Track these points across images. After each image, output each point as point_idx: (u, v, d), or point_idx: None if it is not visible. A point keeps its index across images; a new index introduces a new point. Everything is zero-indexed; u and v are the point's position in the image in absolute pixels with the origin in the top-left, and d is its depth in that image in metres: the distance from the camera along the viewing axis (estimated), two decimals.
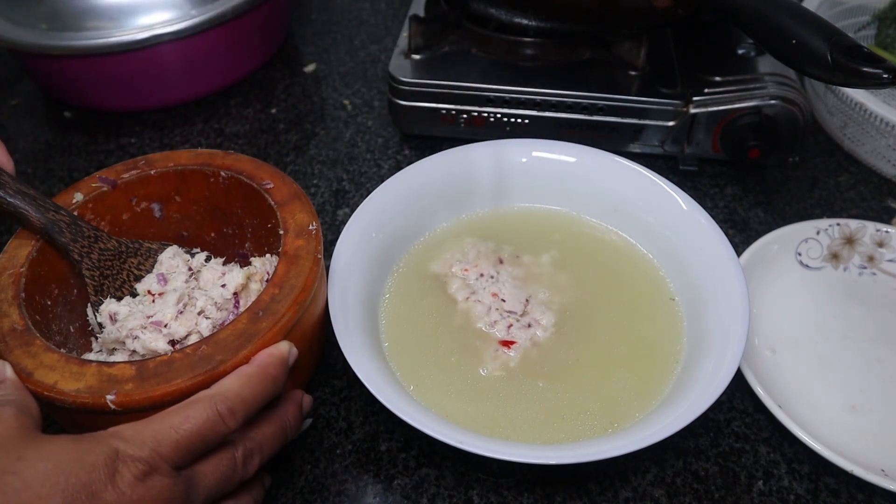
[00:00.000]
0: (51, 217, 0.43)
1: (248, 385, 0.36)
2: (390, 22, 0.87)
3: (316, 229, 0.45)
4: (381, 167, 0.68)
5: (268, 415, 0.40)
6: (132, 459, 0.32)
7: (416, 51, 0.66)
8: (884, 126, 0.66)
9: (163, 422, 0.34)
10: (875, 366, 0.52)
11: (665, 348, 0.48)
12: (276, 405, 0.41)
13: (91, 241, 0.45)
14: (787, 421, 0.46)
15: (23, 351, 0.38)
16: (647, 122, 0.64)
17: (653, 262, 0.53)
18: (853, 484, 0.46)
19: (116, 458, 0.31)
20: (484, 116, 0.65)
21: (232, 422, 0.35)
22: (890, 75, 0.46)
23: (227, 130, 0.72)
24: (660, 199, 0.53)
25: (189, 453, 0.34)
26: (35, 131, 0.72)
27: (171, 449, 0.33)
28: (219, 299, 0.45)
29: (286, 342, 0.39)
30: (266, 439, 0.39)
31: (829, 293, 0.57)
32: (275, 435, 0.40)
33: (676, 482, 0.46)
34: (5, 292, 0.41)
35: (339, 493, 0.45)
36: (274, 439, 0.39)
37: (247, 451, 0.37)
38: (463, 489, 0.46)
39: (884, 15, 0.78)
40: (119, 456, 0.32)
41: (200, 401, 0.35)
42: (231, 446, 0.37)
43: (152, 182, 0.49)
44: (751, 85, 0.63)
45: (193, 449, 0.34)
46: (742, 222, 0.64)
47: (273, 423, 0.40)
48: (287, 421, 0.41)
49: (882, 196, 0.67)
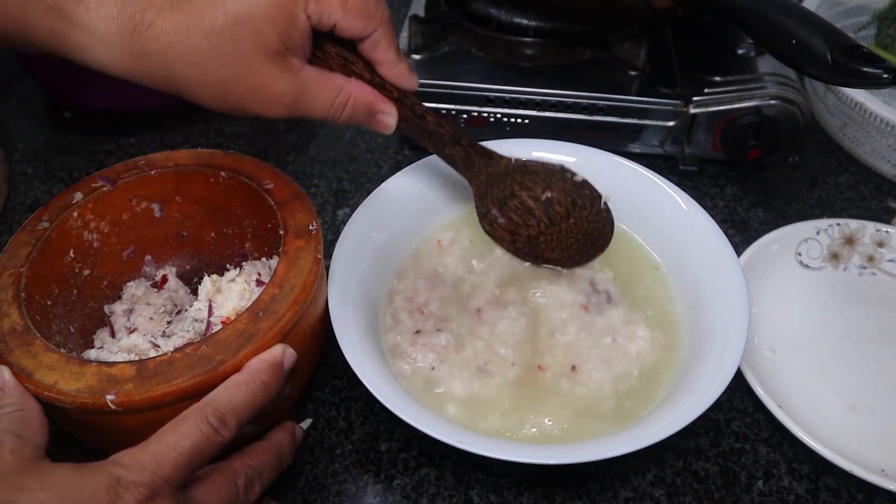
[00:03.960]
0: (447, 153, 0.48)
1: (238, 393, 0.37)
2: None
3: (316, 229, 0.45)
4: (381, 167, 0.68)
5: (264, 444, 0.41)
6: (134, 485, 0.32)
7: (416, 51, 0.66)
8: (884, 126, 0.66)
9: (159, 443, 0.34)
10: (875, 366, 0.52)
11: (665, 347, 0.48)
12: (271, 436, 0.42)
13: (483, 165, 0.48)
14: (787, 421, 0.46)
15: (23, 351, 0.38)
16: (647, 122, 0.64)
17: (653, 262, 0.53)
18: (853, 484, 0.46)
19: (118, 485, 0.32)
20: (484, 116, 0.65)
21: (225, 432, 0.35)
22: (890, 75, 0.46)
23: (227, 130, 0.72)
24: (660, 199, 0.53)
25: (189, 470, 0.34)
26: (35, 131, 0.71)
27: (171, 469, 0.33)
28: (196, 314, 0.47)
29: (280, 345, 0.39)
30: (265, 467, 0.40)
31: (829, 293, 0.57)
32: (272, 463, 0.41)
33: (676, 482, 0.46)
34: (5, 292, 0.41)
35: (339, 493, 0.45)
36: (272, 467, 0.41)
37: (248, 479, 0.38)
38: (463, 489, 0.46)
39: (884, 15, 0.78)
40: (121, 482, 0.32)
41: (191, 415, 0.35)
42: (233, 474, 0.37)
43: (152, 182, 0.49)
44: (751, 85, 0.63)
45: (193, 465, 0.34)
46: (742, 222, 0.64)
47: (269, 451, 0.41)
48: (282, 449, 0.42)
49: (882, 196, 0.67)
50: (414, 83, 0.45)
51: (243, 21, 0.37)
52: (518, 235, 0.50)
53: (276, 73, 0.39)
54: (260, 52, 0.38)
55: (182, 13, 0.37)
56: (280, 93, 0.40)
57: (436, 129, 0.46)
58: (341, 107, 0.42)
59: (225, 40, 0.37)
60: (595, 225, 0.49)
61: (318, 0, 0.39)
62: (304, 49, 0.40)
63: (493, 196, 0.49)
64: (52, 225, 0.45)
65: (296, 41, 0.39)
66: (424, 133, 0.46)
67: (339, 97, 0.42)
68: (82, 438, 0.41)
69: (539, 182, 0.49)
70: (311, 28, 0.40)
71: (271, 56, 0.38)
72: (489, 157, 0.48)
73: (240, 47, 0.38)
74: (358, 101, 0.43)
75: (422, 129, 0.46)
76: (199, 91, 0.39)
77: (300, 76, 0.40)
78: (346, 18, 0.40)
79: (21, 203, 0.64)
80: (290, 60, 0.40)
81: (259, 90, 0.39)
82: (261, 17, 0.37)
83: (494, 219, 0.49)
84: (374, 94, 0.44)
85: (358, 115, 0.43)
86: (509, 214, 0.49)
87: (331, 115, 0.42)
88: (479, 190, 0.49)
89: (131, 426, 0.37)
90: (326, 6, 0.39)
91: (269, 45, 0.38)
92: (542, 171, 0.49)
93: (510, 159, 0.49)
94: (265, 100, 0.40)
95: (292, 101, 0.40)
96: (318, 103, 0.41)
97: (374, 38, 0.42)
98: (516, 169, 0.49)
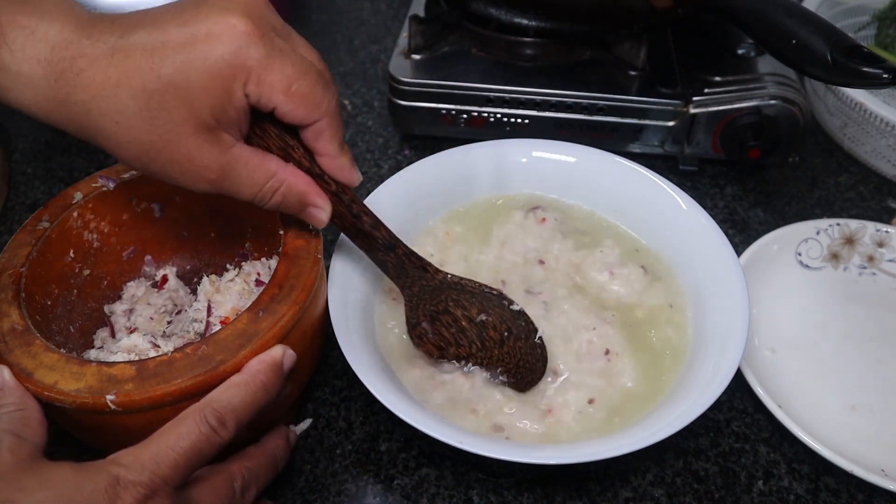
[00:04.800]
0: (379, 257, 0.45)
1: (237, 394, 0.37)
2: (390, 22, 0.87)
3: (316, 229, 0.45)
4: (381, 167, 0.68)
5: (260, 448, 0.41)
6: (133, 484, 0.32)
7: (416, 51, 0.66)
8: (884, 126, 0.66)
9: (159, 443, 0.34)
10: (875, 366, 0.53)
11: (665, 348, 0.48)
12: (266, 440, 0.42)
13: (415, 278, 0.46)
14: (787, 421, 0.46)
15: (23, 351, 0.38)
16: (647, 122, 0.64)
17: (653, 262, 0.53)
18: (853, 484, 0.46)
19: (117, 484, 0.32)
20: (484, 116, 0.65)
21: (224, 432, 0.35)
22: (890, 75, 0.46)
23: None
24: (660, 199, 0.53)
25: (188, 470, 0.34)
26: (35, 131, 0.71)
27: (170, 469, 0.33)
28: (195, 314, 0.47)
29: (280, 346, 0.39)
30: (261, 470, 0.40)
31: (829, 293, 0.57)
32: (268, 466, 0.41)
33: (676, 482, 0.46)
34: (5, 292, 0.41)
35: (339, 493, 0.45)
36: (267, 471, 0.41)
37: (245, 482, 0.38)
38: (463, 489, 0.46)
39: (884, 15, 0.78)
40: (119, 482, 0.32)
41: (190, 415, 0.35)
42: (231, 476, 0.38)
43: (152, 182, 0.49)
44: (751, 85, 0.63)
45: (191, 465, 0.34)
46: (742, 222, 0.64)
47: (265, 455, 0.41)
48: (277, 453, 0.42)
49: (882, 196, 0.67)
50: (353, 179, 0.42)
51: (178, 88, 0.35)
52: (446, 352, 0.46)
53: (204, 148, 0.37)
54: (190, 124, 0.36)
55: (115, 68, 0.34)
56: (205, 168, 0.37)
57: (371, 232, 0.43)
58: (270, 192, 0.40)
59: (154, 105, 0.35)
60: (529, 358, 0.46)
61: (260, 80, 0.36)
62: (239, 126, 0.38)
63: (425, 308, 0.46)
64: (52, 225, 0.45)
65: (230, 117, 0.37)
66: (359, 233, 0.44)
67: (271, 182, 0.39)
68: (82, 438, 0.41)
69: (475, 303, 0.46)
70: (248, 106, 0.37)
71: (201, 129, 0.36)
72: (424, 269, 0.45)
73: (169, 114, 0.35)
74: (290, 190, 0.40)
75: (356, 230, 0.43)
76: (119, 151, 0.37)
77: (230, 153, 0.38)
78: (288, 104, 0.37)
79: (21, 203, 0.64)
80: (221, 136, 0.37)
81: (183, 162, 0.37)
82: (197, 88, 0.35)
83: (424, 332, 0.46)
84: (310, 185, 0.41)
85: (288, 203, 0.41)
86: (440, 330, 0.46)
87: (258, 198, 0.40)
88: (411, 301, 0.46)
89: (131, 426, 0.37)
90: (267, 88, 0.36)
91: (200, 117, 0.36)
92: (479, 292, 0.46)
93: (446, 274, 0.46)
94: (189, 173, 0.37)
95: (217, 178, 0.38)
96: (245, 184, 0.39)
97: (317, 127, 0.39)
98: (451, 286, 0.46)
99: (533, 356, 0.46)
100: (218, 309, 0.47)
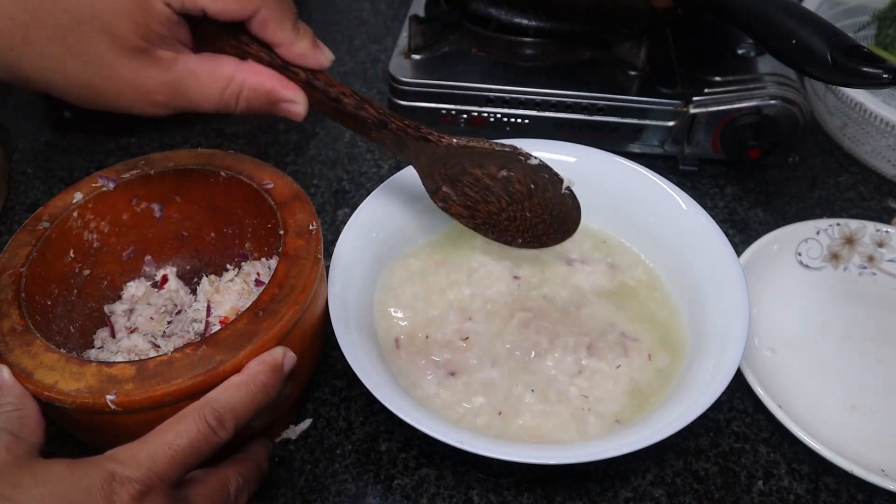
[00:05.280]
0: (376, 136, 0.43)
1: (237, 394, 0.37)
2: (390, 22, 0.87)
3: (316, 229, 0.45)
4: (381, 167, 0.68)
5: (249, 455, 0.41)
6: (129, 481, 0.32)
7: (416, 51, 0.66)
8: (884, 126, 0.66)
9: (156, 440, 0.34)
10: (875, 366, 0.52)
11: (665, 348, 0.48)
12: (251, 448, 0.42)
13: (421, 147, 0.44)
14: (787, 421, 0.46)
15: (23, 351, 0.38)
16: (647, 122, 0.64)
17: (652, 264, 0.53)
18: (853, 484, 0.46)
19: (113, 480, 0.32)
20: (484, 116, 0.65)
21: (223, 432, 0.35)
22: (890, 75, 0.46)
23: (227, 130, 0.72)
24: (660, 199, 0.53)
25: (184, 468, 0.34)
26: (35, 131, 0.71)
27: (166, 466, 0.33)
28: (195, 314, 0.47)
29: (281, 347, 0.39)
30: (252, 477, 0.40)
31: (829, 293, 0.57)
32: (257, 473, 0.41)
33: (676, 482, 0.46)
34: (5, 292, 0.41)
35: (339, 493, 0.45)
36: (257, 478, 0.41)
37: (238, 487, 0.38)
38: (463, 489, 0.46)
39: (884, 15, 0.78)
40: (115, 478, 0.32)
41: (189, 414, 0.35)
42: (226, 479, 0.38)
43: (152, 182, 0.49)
44: (751, 85, 0.63)
45: (188, 463, 0.34)
46: (742, 222, 0.64)
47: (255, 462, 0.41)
48: (262, 462, 0.42)
49: (882, 196, 0.67)
50: (320, 61, 0.40)
51: (87, 19, 0.33)
52: (477, 212, 0.45)
53: (142, 71, 0.35)
54: (116, 50, 0.34)
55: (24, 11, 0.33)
56: (151, 91, 0.36)
57: (356, 113, 0.41)
58: (233, 98, 0.38)
59: (73, 42, 0.34)
60: (562, 208, 0.45)
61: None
62: (176, 38, 0.36)
63: (441, 173, 0.44)
64: (52, 225, 0.45)
65: (158, 32, 0.35)
66: (345, 116, 0.41)
67: (230, 87, 0.38)
68: (82, 438, 0.41)
69: (492, 161, 0.44)
70: (175, 15, 0.35)
71: (131, 53, 0.34)
72: (425, 139, 0.43)
73: (92, 48, 0.34)
74: (254, 90, 0.38)
75: (341, 113, 0.41)
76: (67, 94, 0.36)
77: (174, 69, 0.36)
78: (216, 2, 0.35)
79: (21, 203, 0.64)
80: (157, 54, 0.35)
81: (127, 92, 0.36)
82: (108, 13, 0.33)
83: (447, 195, 0.44)
84: (275, 79, 0.39)
85: (256, 105, 0.39)
86: (464, 190, 0.44)
87: (221, 107, 0.38)
88: (422, 170, 0.45)
89: (131, 426, 0.37)
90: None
91: (125, 41, 0.34)
92: (491, 151, 0.44)
93: (451, 139, 0.44)
94: (138, 101, 0.36)
95: (168, 99, 0.37)
96: (201, 96, 0.37)
97: (258, 18, 0.37)
98: (460, 150, 0.44)
99: (565, 205, 0.46)
100: (218, 309, 0.47)
